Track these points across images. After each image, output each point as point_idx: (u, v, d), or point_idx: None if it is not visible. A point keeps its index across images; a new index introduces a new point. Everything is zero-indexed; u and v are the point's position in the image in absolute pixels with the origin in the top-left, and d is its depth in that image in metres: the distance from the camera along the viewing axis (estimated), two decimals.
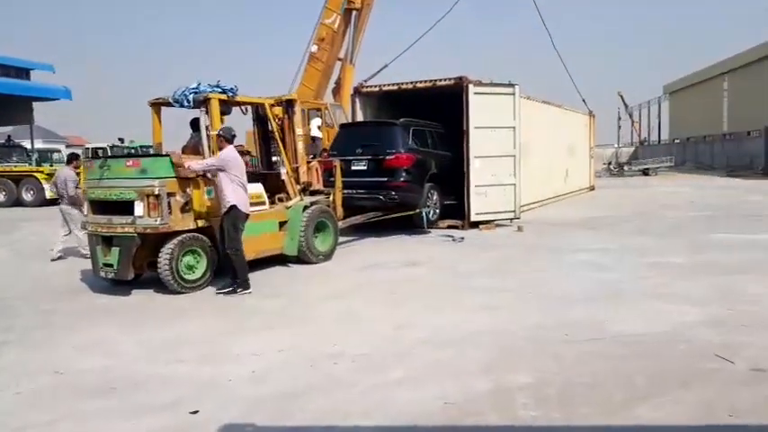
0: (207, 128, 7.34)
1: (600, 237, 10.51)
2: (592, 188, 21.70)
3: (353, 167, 11.03)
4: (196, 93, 7.40)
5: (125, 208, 6.84)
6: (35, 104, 31.16)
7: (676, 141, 48.43)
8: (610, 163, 39.50)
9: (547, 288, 6.77)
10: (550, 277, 7.36)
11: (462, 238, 10.54)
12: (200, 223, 7.12)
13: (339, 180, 9.74)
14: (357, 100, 13.29)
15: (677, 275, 7.21)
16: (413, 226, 11.43)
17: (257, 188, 8.02)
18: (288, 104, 8.79)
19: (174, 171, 6.83)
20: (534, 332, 5.15)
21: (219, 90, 7.55)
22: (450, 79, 12.05)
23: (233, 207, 6.75)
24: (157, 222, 6.69)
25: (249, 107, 8.79)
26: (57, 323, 5.97)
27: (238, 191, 6.80)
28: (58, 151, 31.32)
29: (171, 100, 7.52)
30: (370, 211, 10.79)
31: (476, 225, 11.89)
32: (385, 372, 4.33)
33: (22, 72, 32.40)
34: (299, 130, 8.75)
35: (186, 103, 7.39)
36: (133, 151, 23.55)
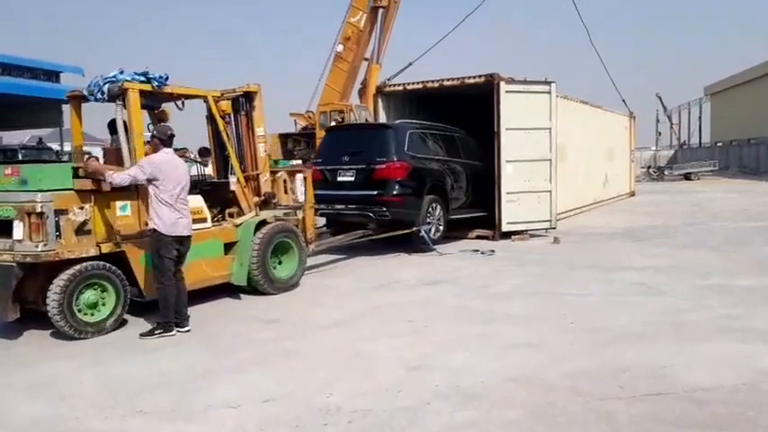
0: (125, 126, 5.94)
1: (648, 251, 9.36)
2: (632, 194, 20.44)
3: (340, 178, 9.63)
4: (112, 82, 5.87)
5: (5, 229, 5.33)
6: (65, 107, 31.13)
7: (718, 144, 46.43)
8: (650, 167, 37.86)
9: (592, 318, 5.71)
10: (595, 303, 6.30)
11: (492, 251, 9.50)
12: (107, 248, 5.57)
13: (311, 193, 8.12)
14: (380, 100, 12.35)
15: (748, 303, 6.08)
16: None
17: (195, 201, 6.43)
18: (246, 98, 7.16)
19: (71, 182, 5.39)
20: (579, 382, 4.12)
21: (143, 79, 6.02)
22: (479, 77, 11.04)
23: (153, 231, 5.46)
24: (39, 248, 5.14)
25: (192, 102, 6.97)
26: (8, 356, 5.12)
27: (162, 209, 5.36)
28: (89, 153, 31.17)
29: (85, 92, 6.10)
30: (360, 229, 9.38)
31: (507, 235, 10.84)
32: None
33: (52, 75, 32.35)
34: (259, 130, 7.18)
35: (100, 95, 5.90)
36: None
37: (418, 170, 9.60)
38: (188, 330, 5.61)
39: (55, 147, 29.55)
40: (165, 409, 3.90)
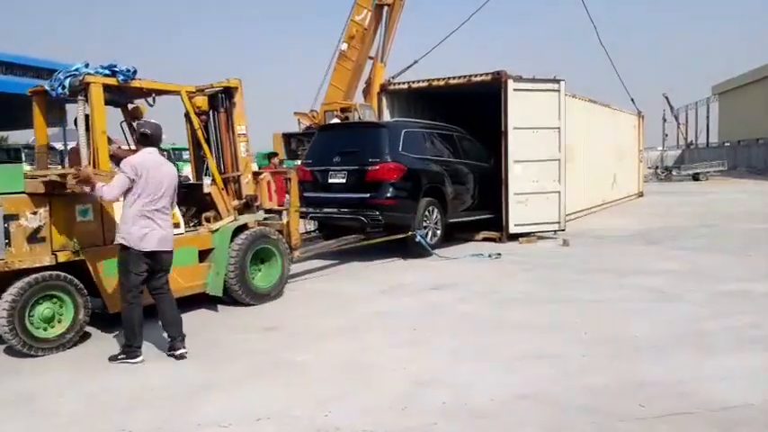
0: (87, 122, 5.46)
1: (661, 254, 9.06)
2: (641, 194, 20.11)
3: (330, 180, 9.19)
4: (74, 76, 5.40)
5: None
6: (69, 106, 30.89)
7: (726, 144, 45.96)
8: (657, 167, 37.43)
9: (606, 326, 5.43)
10: (609, 310, 6.00)
11: (499, 255, 9.19)
12: (64, 257, 5.10)
13: (295, 196, 7.59)
14: (384, 99, 12.07)
15: None
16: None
17: None
18: (225, 94, 6.65)
19: (22, 184, 4.94)
20: (595, 398, 3.84)
21: (107, 72, 5.52)
22: (486, 74, 10.75)
23: (121, 247, 4.83)
24: None
25: (167, 98, 6.42)
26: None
27: (134, 219, 4.70)
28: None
29: (47, 87, 5.64)
30: (353, 234, 8.96)
31: (515, 238, 10.55)
32: None
33: (54, 74, 32.30)
34: (240, 128, 6.65)
35: (61, 90, 5.44)
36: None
37: (414, 171, 9.10)
38: (183, 353, 4.91)
39: (59, 146, 29.41)
40: (151, 428, 3.64)
